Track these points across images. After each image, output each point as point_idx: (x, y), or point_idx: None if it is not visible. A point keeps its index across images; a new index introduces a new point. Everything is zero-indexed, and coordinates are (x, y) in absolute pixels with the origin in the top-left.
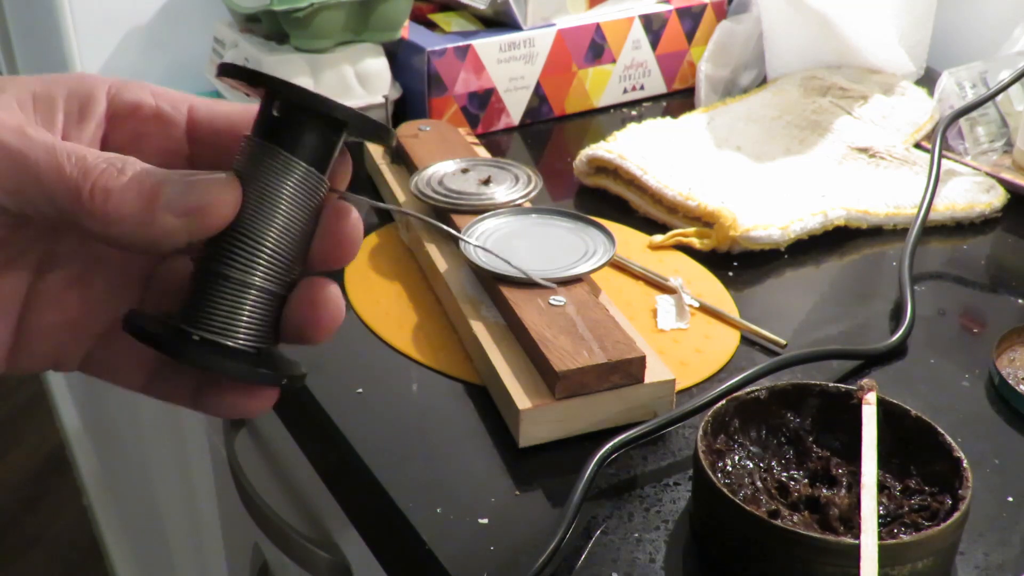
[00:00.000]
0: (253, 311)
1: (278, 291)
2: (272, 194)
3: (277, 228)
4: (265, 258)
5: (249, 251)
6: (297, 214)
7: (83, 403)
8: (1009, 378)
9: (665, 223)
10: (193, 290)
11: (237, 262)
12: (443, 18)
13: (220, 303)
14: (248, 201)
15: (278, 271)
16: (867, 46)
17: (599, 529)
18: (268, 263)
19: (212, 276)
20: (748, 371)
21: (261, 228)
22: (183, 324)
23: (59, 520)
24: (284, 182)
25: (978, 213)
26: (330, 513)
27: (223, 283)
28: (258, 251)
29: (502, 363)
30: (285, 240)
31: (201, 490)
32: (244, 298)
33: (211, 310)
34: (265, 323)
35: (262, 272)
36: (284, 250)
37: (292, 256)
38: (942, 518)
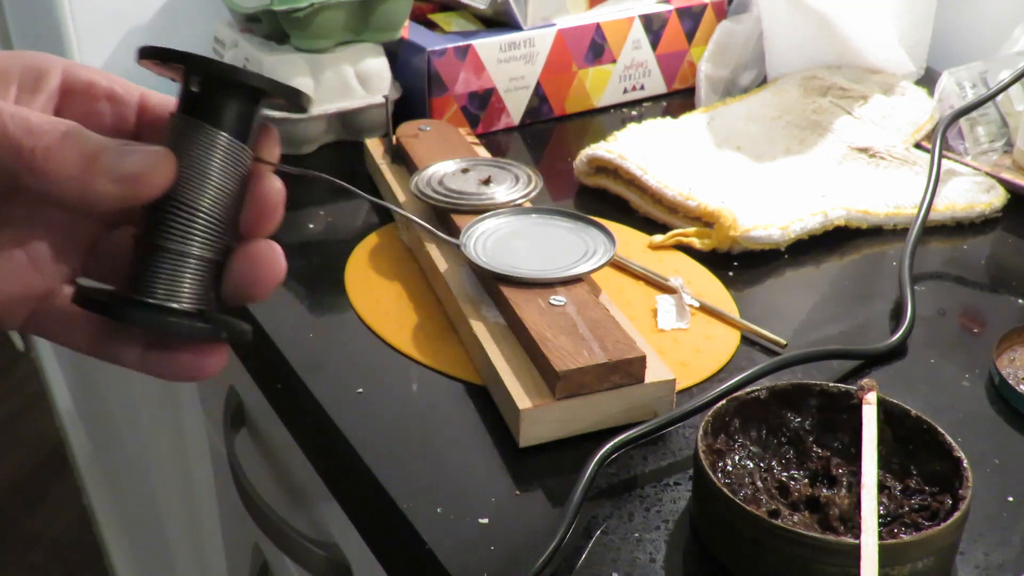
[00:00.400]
0: (192, 277)
1: (213, 257)
2: (200, 166)
3: (208, 198)
4: (199, 227)
5: (184, 222)
6: (224, 183)
7: (83, 403)
8: (1009, 378)
9: (665, 223)
10: (135, 260)
11: (174, 233)
12: (443, 18)
13: (161, 271)
14: (178, 174)
15: (212, 239)
16: (867, 46)
17: (599, 529)
18: (202, 232)
19: (152, 248)
20: (748, 371)
21: (193, 199)
22: (128, 292)
23: (59, 520)
24: (210, 153)
25: (978, 213)
26: (330, 513)
27: (162, 253)
28: (192, 221)
29: (502, 363)
30: (216, 209)
31: (201, 490)
32: (183, 266)
33: (153, 278)
34: (204, 286)
35: (198, 241)
36: (216, 218)
37: (224, 224)
38: (942, 518)
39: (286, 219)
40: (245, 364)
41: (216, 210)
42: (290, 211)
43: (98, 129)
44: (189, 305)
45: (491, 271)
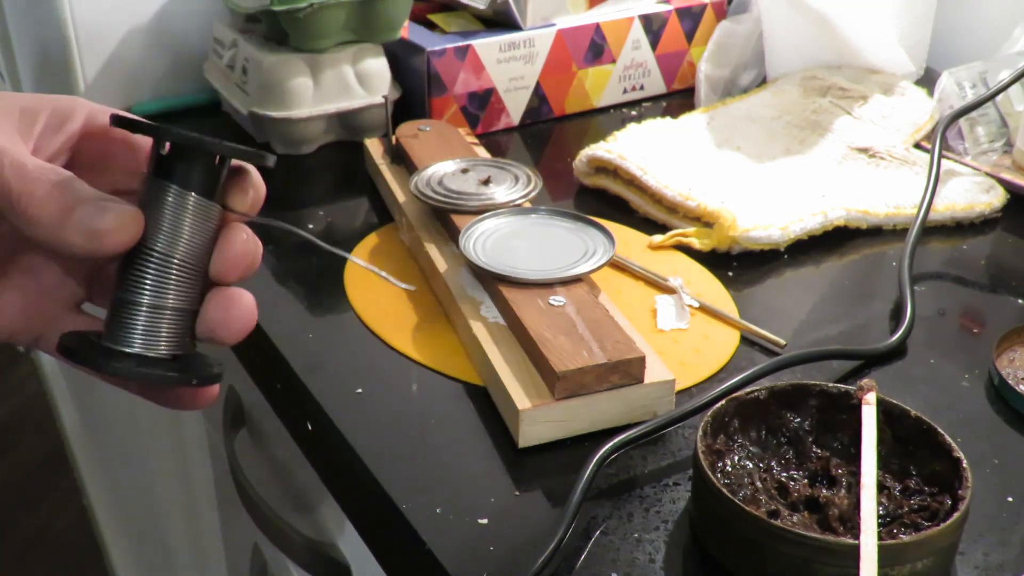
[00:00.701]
0: (166, 326)
1: (186, 306)
2: (169, 224)
3: (178, 253)
4: (171, 280)
5: (156, 276)
6: (193, 238)
7: (83, 403)
8: (1009, 378)
9: (665, 223)
10: (112, 312)
11: (146, 286)
12: (443, 18)
13: (135, 323)
14: (149, 231)
15: (183, 290)
16: (867, 46)
17: (599, 529)
18: (174, 284)
19: (125, 302)
20: (748, 371)
21: (164, 255)
22: (106, 342)
23: (59, 520)
24: (178, 212)
25: (978, 213)
26: (330, 513)
27: (135, 307)
28: (165, 275)
29: (501, 363)
30: (186, 262)
31: (201, 490)
32: (156, 317)
33: (128, 330)
34: (178, 334)
35: (170, 293)
36: (187, 271)
37: (195, 275)
38: (942, 518)
39: (285, 219)
40: (245, 364)
41: (187, 263)
42: (290, 211)
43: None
44: (165, 352)
45: (490, 271)
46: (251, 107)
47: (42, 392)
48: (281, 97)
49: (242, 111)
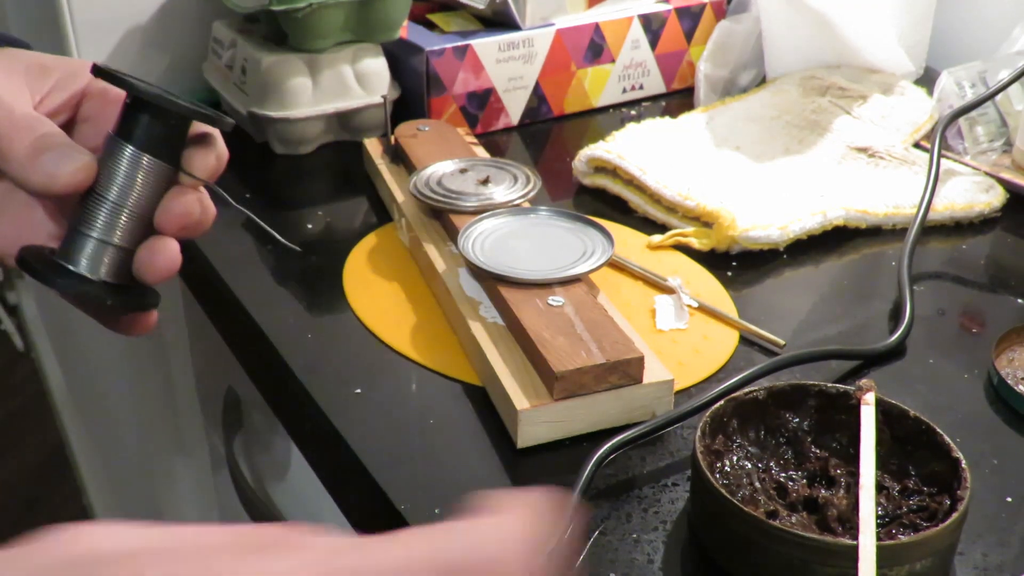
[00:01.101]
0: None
1: (126, 245)
2: (120, 177)
3: (126, 203)
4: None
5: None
6: (141, 192)
7: (83, 403)
8: (1008, 378)
9: (664, 223)
10: (66, 238)
11: (93, 225)
12: (442, 18)
13: (82, 250)
14: (102, 180)
15: (125, 232)
16: (866, 46)
17: (597, 530)
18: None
19: (76, 232)
20: (747, 371)
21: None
22: (58, 259)
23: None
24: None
25: (977, 213)
26: (329, 513)
27: (83, 238)
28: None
29: (500, 363)
30: (132, 212)
31: (201, 490)
32: (99, 250)
33: (76, 254)
34: (117, 266)
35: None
36: (131, 218)
37: (137, 222)
38: (940, 519)
39: (286, 219)
40: (243, 365)
41: (133, 212)
42: (288, 211)
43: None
44: (105, 278)
45: (489, 271)
46: (250, 107)
47: (42, 392)
48: (280, 97)
49: (241, 111)
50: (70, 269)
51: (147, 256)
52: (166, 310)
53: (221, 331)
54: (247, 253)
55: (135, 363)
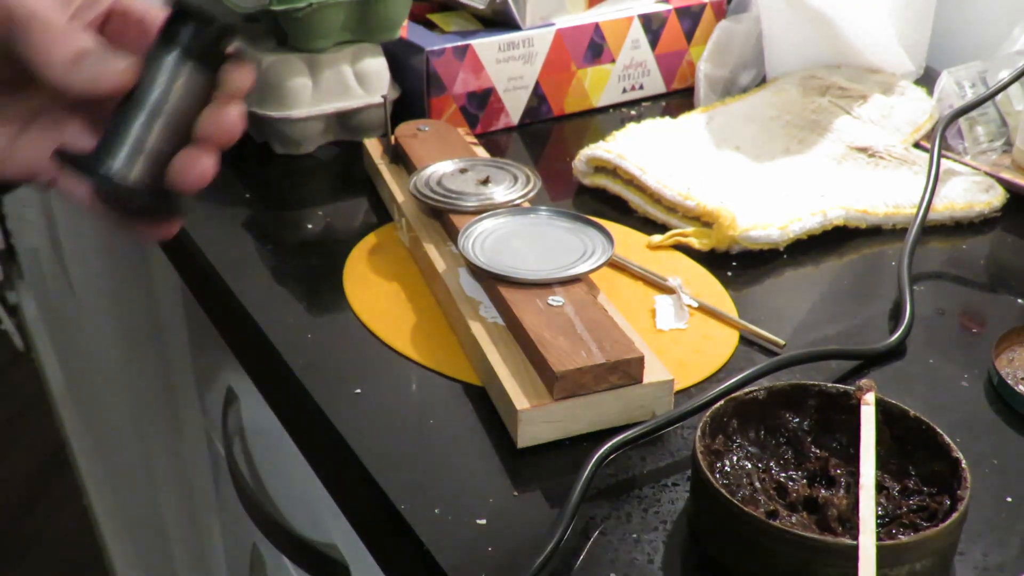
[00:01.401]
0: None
1: (161, 151)
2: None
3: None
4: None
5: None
6: (182, 99)
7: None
8: (1008, 378)
9: (664, 223)
10: (101, 141)
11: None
12: (442, 18)
13: (118, 154)
14: (143, 84)
15: (161, 138)
16: (866, 45)
17: (597, 530)
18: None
19: (113, 135)
20: (747, 371)
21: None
22: (93, 161)
23: (59, 520)
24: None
25: (977, 213)
26: (328, 513)
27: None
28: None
29: (500, 363)
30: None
31: (201, 490)
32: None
33: (111, 157)
34: (151, 171)
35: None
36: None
37: (173, 128)
38: (941, 519)
39: (285, 219)
40: (243, 365)
41: (170, 118)
42: (288, 211)
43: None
44: (135, 183)
45: (489, 271)
46: (250, 107)
47: (42, 392)
48: (280, 97)
49: None
50: (105, 170)
51: (183, 165)
52: (166, 310)
53: (221, 331)
54: (247, 253)
55: (135, 363)
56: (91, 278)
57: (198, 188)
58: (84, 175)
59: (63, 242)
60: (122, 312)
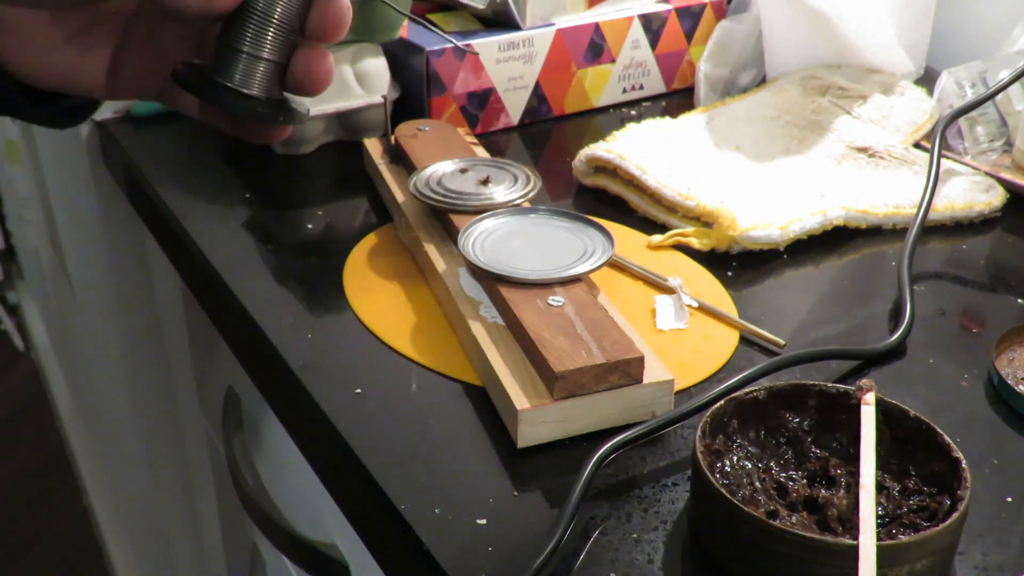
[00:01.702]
0: (260, 73)
1: (276, 59)
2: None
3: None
4: (267, 36)
5: (255, 31)
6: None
7: (83, 403)
8: (1008, 378)
9: (664, 223)
10: (217, 56)
11: (247, 39)
12: (442, 18)
13: (235, 66)
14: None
15: (276, 45)
16: (866, 46)
17: (597, 530)
18: (269, 40)
19: (228, 48)
20: (747, 371)
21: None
22: (214, 76)
23: (59, 520)
24: None
25: (977, 213)
26: (328, 513)
27: (236, 54)
28: (261, 31)
29: (500, 363)
30: (282, 22)
31: (201, 490)
32: (253, 65)
33: (230, 70)
34: (269, 80)
35: (265, 46)
36: (281, 30)
37: (286, 33)
38: (941, 518)
39: (284, 219)
40: (243, 365)
41: (282, 23)
42: (288, 211)
43: None
44: (257, 92)
45: (489, 271)
46: None
47: (42, 392)
48: None
49: None
50: (227, 85)
51: (305, 67)
52: (166, 310)
53: (221, 331)
54: (247, 253)
55: (135, 363)
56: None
57: (324, 88)
58: (206, 91)
59: (63, 242)
60: (122, 312)
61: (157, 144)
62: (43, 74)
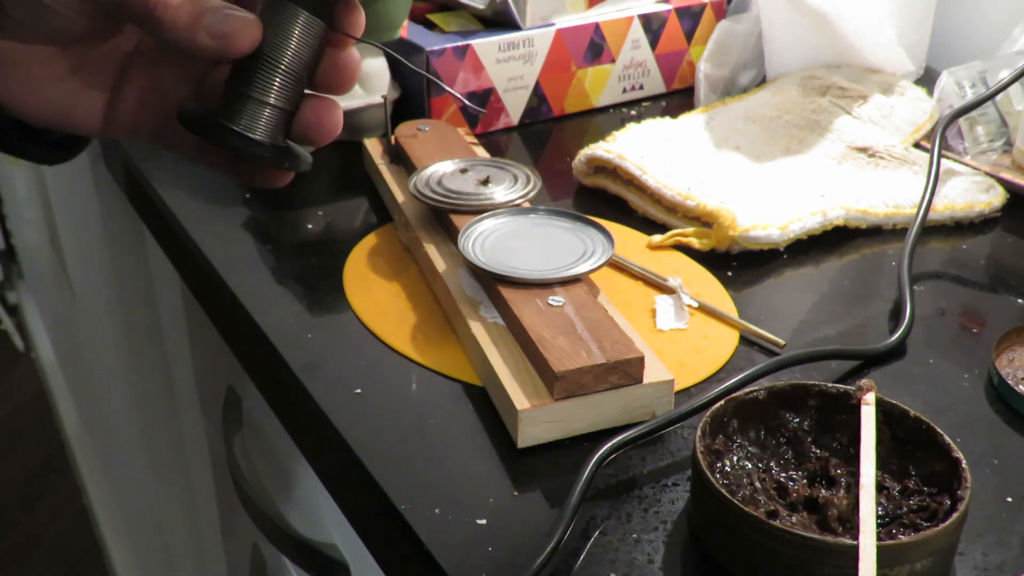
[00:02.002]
0: (266, 118)
1: (285, 107)
2: (281, 34)
3: (285, 61)
4: (276, 83)
5: (264, 78)
6: (300, 50)
7: (83, 403)
8: (1008, 378)
9: (664, 223)
10: (225, 99)
11: (255, 85)
12: (442, 18)
13: (242, 110)
14: (264, 38)
15: (285, 93)
16: (866, 45)
17: (598, 530)
18: (277, 87)
19: (236, 93)
20: (747, 372)
21: (273, 61)
22: (219, 119)
23: (59, 520)
24: (290, 25)
25: (977, 213)
26: (328, 513)
27: (243, 98)
28: (270, 78)
29: (500, 363)
30: (291, 70)
31: (201, 490)
32: (260, 110)
33: (236, 114)
34: (275, 127)
35: (273, 93)
36: (290, 77)
37: (294, 81)
38: (941, 519)
39: (284, 219)
40: (243, 364)
41: (291, 70)
42: (288, 211)
43: None
44: (261, 137)
45: (489, 271)
46: None
47: (42, 392)
48: None
49: None
50: (232, 128)
51: (314, 118)
52: (166, 310)
53: (221, 331)
54: (247, 253)
55: (135, 363)
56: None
57: (331, 139)
58: (211, 132)
59: (63, 242)
60: (122, 312)
61: None
62: (39, 110)
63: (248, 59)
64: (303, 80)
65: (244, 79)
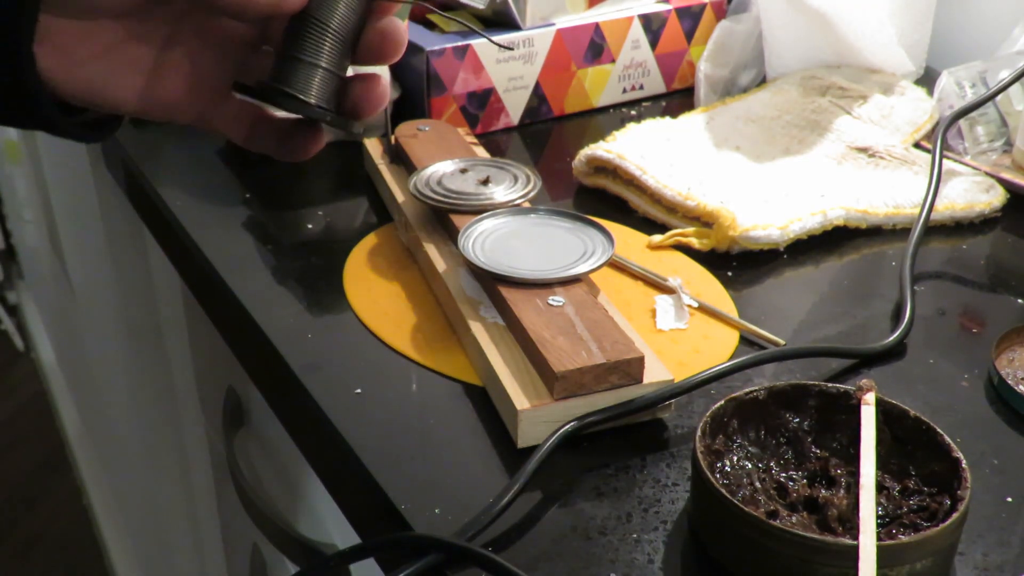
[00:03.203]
0: (318, 82)
1: (334, 70)
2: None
3: (335, 23)
4: (326, 46)
5: (315, 40)
6: (348, 14)
7: (83, 403)
8: (1008, 378)
9: (664, 223)
10: (277, 64)
11: (308, 48)
12: (442, 18)
13: (297, 74)
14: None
15: (333, 55)
16: (867, 46)
17: (598, 530)
18: (328, 49)
19: (288, 58)
20: (742, 358)
21: (323, 22)
22: (275, 83)
23: (59, 520)
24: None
25: (977, 213)
26: (328, 513)
27: (296, 62)
28: (321, 41)
29: (500, 363)
30: (340, 33)
31: (201, 490)
32: (312, 73)
33: (291, 78)
34: (327, 91)
35: (324, 56)
36: (340, 40)
37: (343, 44)
38: (941, 519)
39: (284, 219)
40: (243, 365)
41: (339, 34)
42: (288, 211)
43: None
44: (316, 100)
45: (489, 271)
46: None
47: (42, 392)
48: None
49: None
50: (287, 91)
51: (363, 90)
52: (166, 310)
53: (221, 331)
54: (247, 253)
55: (135, 363)
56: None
57: (379, 111)
58: (269, 97)
59: (63, 242)
60: (122, 312)
61: (157, 144)
62: (75, 86)
63: (298, 23)
64: (350, 45)
65: (295, 43)
